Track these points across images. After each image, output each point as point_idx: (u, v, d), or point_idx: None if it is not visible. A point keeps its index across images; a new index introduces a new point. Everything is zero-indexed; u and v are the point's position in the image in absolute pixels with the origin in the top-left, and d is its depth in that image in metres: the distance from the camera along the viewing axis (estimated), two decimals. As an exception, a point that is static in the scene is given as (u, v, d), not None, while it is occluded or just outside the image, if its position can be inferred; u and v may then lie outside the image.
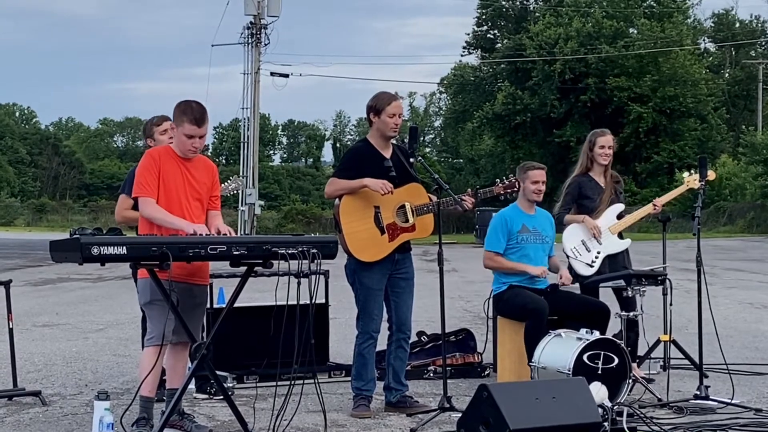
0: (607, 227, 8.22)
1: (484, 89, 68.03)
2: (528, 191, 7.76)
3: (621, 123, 59.14)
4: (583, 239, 8.21)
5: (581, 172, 8.39)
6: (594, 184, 8.32)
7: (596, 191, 8.30)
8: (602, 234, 8.18)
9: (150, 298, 5.98)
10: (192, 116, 6.00)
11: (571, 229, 8.28)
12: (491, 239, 7.77)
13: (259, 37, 43.98)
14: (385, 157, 7.00)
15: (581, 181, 8.36)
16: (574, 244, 8.22)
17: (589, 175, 8.36)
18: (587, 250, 8.18)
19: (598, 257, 8.16)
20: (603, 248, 8.18)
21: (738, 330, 11.57)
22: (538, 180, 7.76)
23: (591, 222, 8.18)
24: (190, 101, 6.12)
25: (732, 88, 69.33)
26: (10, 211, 70.74)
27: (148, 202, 5.97)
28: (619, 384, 6.86)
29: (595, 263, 8.15)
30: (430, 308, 10.91)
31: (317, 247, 5.87)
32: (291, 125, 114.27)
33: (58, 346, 10.32)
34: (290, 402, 5.84)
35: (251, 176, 42.54)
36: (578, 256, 8.18)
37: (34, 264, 25.44)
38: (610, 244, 8.21)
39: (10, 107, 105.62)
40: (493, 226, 7.80)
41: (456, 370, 8.38)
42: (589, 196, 8.29)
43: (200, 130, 6.03)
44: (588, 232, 8.17)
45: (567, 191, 8.39)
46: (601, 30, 60.18)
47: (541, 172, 7.80)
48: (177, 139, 6.07)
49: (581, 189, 8.33)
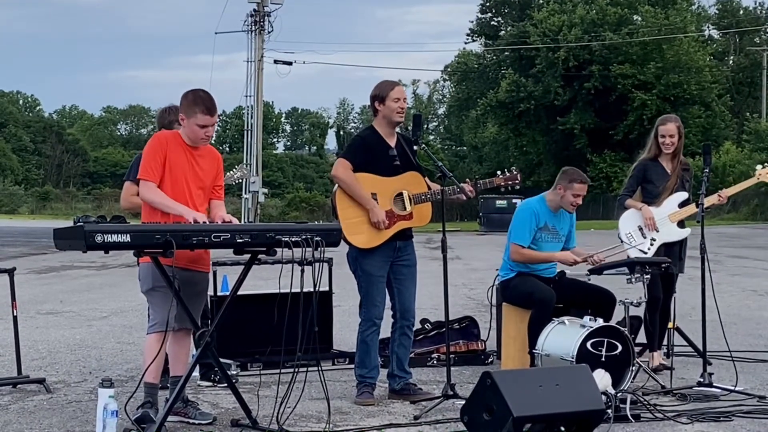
0: (667, 215, 8.08)
1: (487, 77, 67.89)
2: (566, 201, 7.67)
3: (625, 110, 59.05)
4: (640, 225, 8.12)
5: (650, 157, 8.24)
6: (660, 169, 8.18)
7: (661, 176, 8.16)
8: (660, 222, 8.05)
9: (152, 284, 5.99)
10: (204, 106, 6.02)
11: (629, 214, 8.20)
12: (518, 232, 7.65)
13: (263, 24, 43.96)
14: (391, 146, 7.01)
15: (647, 164, 8.23)
16: (630, 229, 8.14)
17: (657, 160, 8.20)
18: (643, 237, 8.09)
19: (654, 244, 8.05)
20: (659, 236, 8.07)
21: (742, 317, 11.56)
22: (580, 194, 7.68)
23: (647, 212, 8.08)
24: (197, 91, 6.12)
25: (736, 75, 69.15)
26: (14, 199, 70.77)
27: (149, 186, 5.97)
28: (622, 371, 6.86)
29: (650, 250, 8.03)
30: (433, 296, 10.91)
31: (321, 234, 5.89)
32: (294, 113, 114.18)
33: (62, 333, 10.34)
34: (294, 389, 5.85)
35: (255, 164, 42.58)
36: (632, 242, 8.09)
37: (38, 252, 25.47)
38: (668, 232, 8.08)
39: (14, 95, 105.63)
40: (521, 219, 7.67)
41: (459, 358, 8.39)
42: (653, 180, 8.17)
43: (212, 119, 6.06)
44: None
45: (632, 174, 8.29)
46: (605, 17, 60.02)
47: (585, 187, 7.72)
48: (188, 128, 6.07)
49: (646, 172, 8.21)
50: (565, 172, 7.78)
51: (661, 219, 8.09)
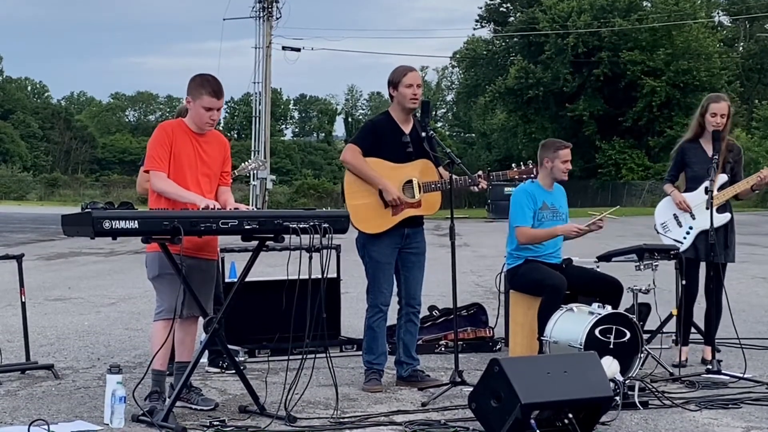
0: (704, 200, 7.54)
1: (496, 63, 67.79)
2: (557, 170, 7.61)
3: (634, 97, 58.91)
4: (676, 213, 7.80)
5: (690, 138, 7.87)
6: (701, 151, 7.76)
7: (702, 159, 7.71)
8: (697, 208, 7.65)
9: (159, 271, 6.00)
10: (210, 88, 6.02)
11: (665, 202, 7.91)
12: (518, 215, 7.58)
13: (271, 11, 43.89)
14: (404, 132, 6.99)
15: (686, 147, 7.85)
16: (665, 218, 7.86)
17: (698, 141, 7.80)
18: (678, 225, 7.77)
19: (690, 233, 7.71)
20: (697, 223, 7.68)
21: (750, 304, 11.54)
22: (568, 159, 7.65)
23: (678, 195, 7.76)
24: (205, 75, 6.14)
25: (746, 61, 68.88)
26: (22, 186, 70.92)
27: (160, 176, 5.97)
28: (631, 358, 6.85)
29: (686, 240, 7.71)
30: (441, 283, 10.90)
31: (329, 221, 5.88)
32: (303, 100, 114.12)
33: (70, 320, 10.36)
34: (302, 376, 5.86)
35: (263, 151, 42.56)
36: (667, 231, 7.81)
37: (46, 238, 25.52)
38: (706, 218, 7.48)
39: (22, 81, 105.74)
40: (517, 203, 7.61)
41: (467, 345, 8.39)
42: (691, 164, 7.78)
43: (218, 102, 6.06)
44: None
45: (672, 158, 7.97)
46: (614, 3, 59.82)
47: (569, 151, 7.69)
48: (194, 112, 6.08)
49: (684, 156, 7.84)
50: (544, 145, 7.76)
51: (697, 205, 7.68)
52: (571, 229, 7.54)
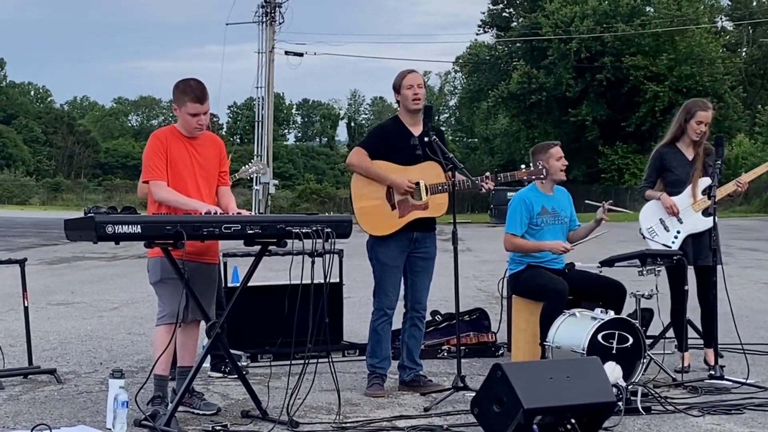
0: (689, 204, 7.64)
1: (499, 68, 67.75)
2: (555, 169, 7.56)
3: (637, 102, 58.86)
4: (662, 218, 7.74)
5: (668, 142, 7.82)
6: (680, 156, 7.75)
7: (681, 164, 7.72)
8: (684, 212, 7.65)
9: (160, 276, 6.00)
10: (193, 94, 6.02)
11: (649, 206, 7.84)
12: (510, 222, 7.61)
13: (273, 15, 43.93)
14: (413, 135, 7.01)
15: (664, 152, 7.81)
16: (651, 223, 7.79)
17: (675, 145, 7.78)
18: (665, 230, 7.72)
19: (678, 237, 7.67)
20: (684, 227, 7.66)
21: (753, 309, 11.53)
22: (561, 156, 7.63)
23: (668, 200, 7.69)
24: (188, 80, 6.14)
25: (749, 66, 68.82)
26: (25, 190, 70.94)
27: (160, 185, 5.98)
28: (633, 363, 6.84)
29: (674, 244, 7.67)
30: (444, 287, 10.90)
31: (331, 226, 5.88)
32: (305, 104, 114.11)
33: (73, 324, 10.36)
34: (304, 381, 5.86)
35: (266, 155, 42.53)
36: (654, 236, 7.75)
37: (49, 242, 25.53)
38: (693, 222, 7.59)
39: (25, 86, 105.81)
40: (513, 209, 7.62)
41: (470, 350, 8.38)
42: (671, 168, 7.75)
43: (203, 107, 6.05)
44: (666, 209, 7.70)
45: (650, 163, 7.90)
46: (617, 8, 59.80)
47: (559, 148, 7.69)
48: (181, 118, 6.09)
49: (663, 161, 7.79)
50: (534, 151, 7.73)
51: (684, 209, 7.70)
52: (558, 247, 7.53)
